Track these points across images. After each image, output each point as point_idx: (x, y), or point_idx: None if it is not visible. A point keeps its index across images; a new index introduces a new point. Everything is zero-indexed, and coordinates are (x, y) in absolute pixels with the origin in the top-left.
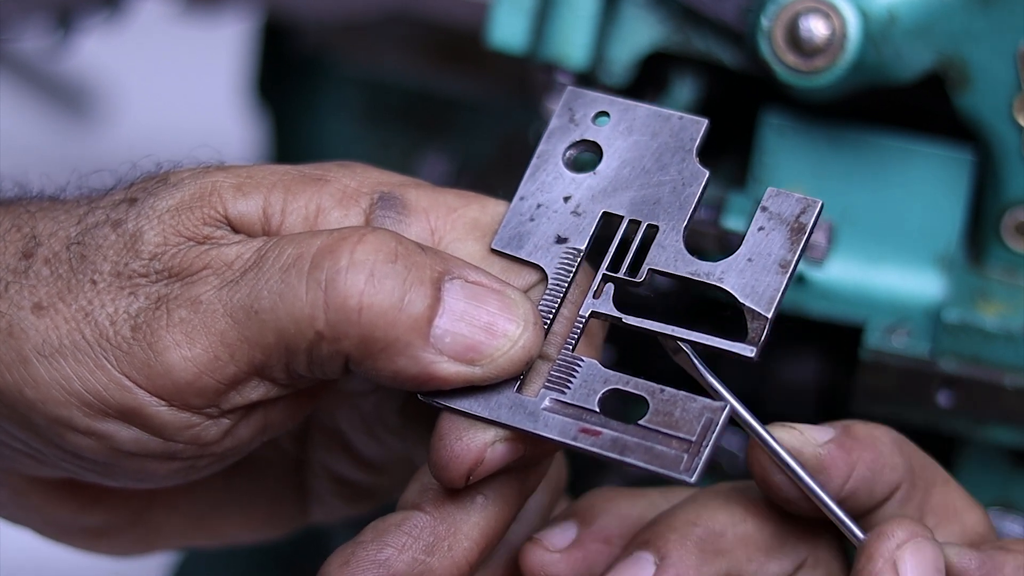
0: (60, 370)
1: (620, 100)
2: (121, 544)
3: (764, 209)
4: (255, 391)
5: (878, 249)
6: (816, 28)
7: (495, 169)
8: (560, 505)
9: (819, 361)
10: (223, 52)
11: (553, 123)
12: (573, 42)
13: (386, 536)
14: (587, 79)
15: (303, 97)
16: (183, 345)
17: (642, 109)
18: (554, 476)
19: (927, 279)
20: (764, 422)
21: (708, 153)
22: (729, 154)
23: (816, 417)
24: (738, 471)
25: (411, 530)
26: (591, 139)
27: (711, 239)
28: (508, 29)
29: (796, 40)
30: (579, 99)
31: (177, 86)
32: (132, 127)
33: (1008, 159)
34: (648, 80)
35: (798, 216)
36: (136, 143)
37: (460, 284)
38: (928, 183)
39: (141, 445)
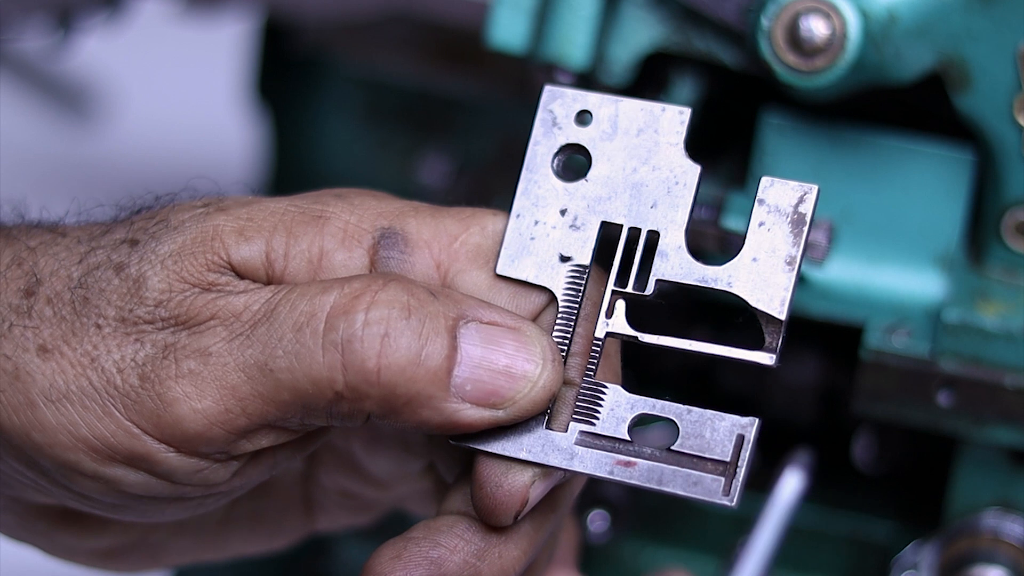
0: (67, 415)
1: (598, 96)
2: (128, 563)
3: (761, 202)
4: (266, 438)
5: (878, 249)
6: (816, 28)
7: (495, 169)
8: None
9: (819, 361)
10: (223, 52)
11: (536, 129)
12: (573, 42)
13: (438, 535)
14: (587, 79)
15: (303, 97)
16: (193, 397)
17: (623, 104)
18: None
19: (927, 279)
20: (764, 422)
21: (708, 153)
22: (729, 154)
23: (816, 417)
24: None
25: (463, 534)
26: (577, 142)
27: (711, 239)
28: (508, 29)
29: (796, 40)
30: (558, 99)
31: (177, 86)
32: (132, 127)
33: (1008, 159)
34: (648, 80)
35: (796, 206)
36: (136, 143)
37: (475, 327)
38: (928, 183)
39: (149, 488)
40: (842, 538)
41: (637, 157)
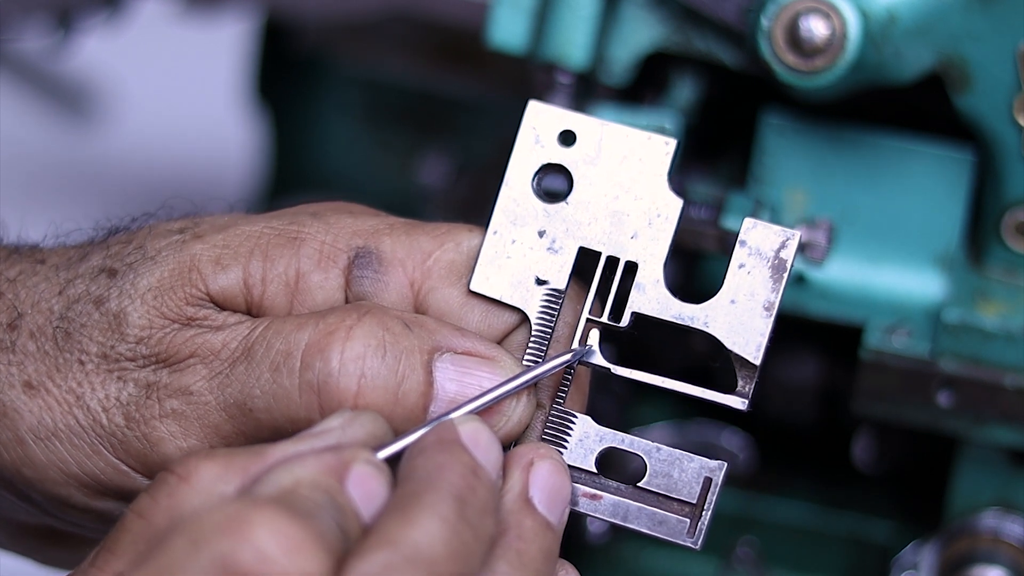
0: (57, 452)
1: (584, 117)
2: None
3: (743, 243)
4: None
5: (878, 249)
6: (816, 28)
7: (495, 169)
8: None
9: (819, 361)
10: (223, 52)
11: (518, 145)
12: (573, 42)
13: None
14: (587, 79)
15: (303, 97)
16: (178, 436)
17: (609, 128)
18: None
19: (927, 279)
20: (764, 423)
21: (708, 153)
22: (729, 154)
23: (816, 417)
24: (738, 471)
25: None
26: (559, 163)
27: (711, 239)
28: (508, 29)
29: (796, 40)
30: (542, 116)
31: (177, 86)
32: (132, 127)
33: (1008, 159)
34: (648, 80)
35: (778, 251)
36: (136, 143)
37: (450, 358)
38: (928, 183)
39: None
40: (842, 538)
41: (619, 184)
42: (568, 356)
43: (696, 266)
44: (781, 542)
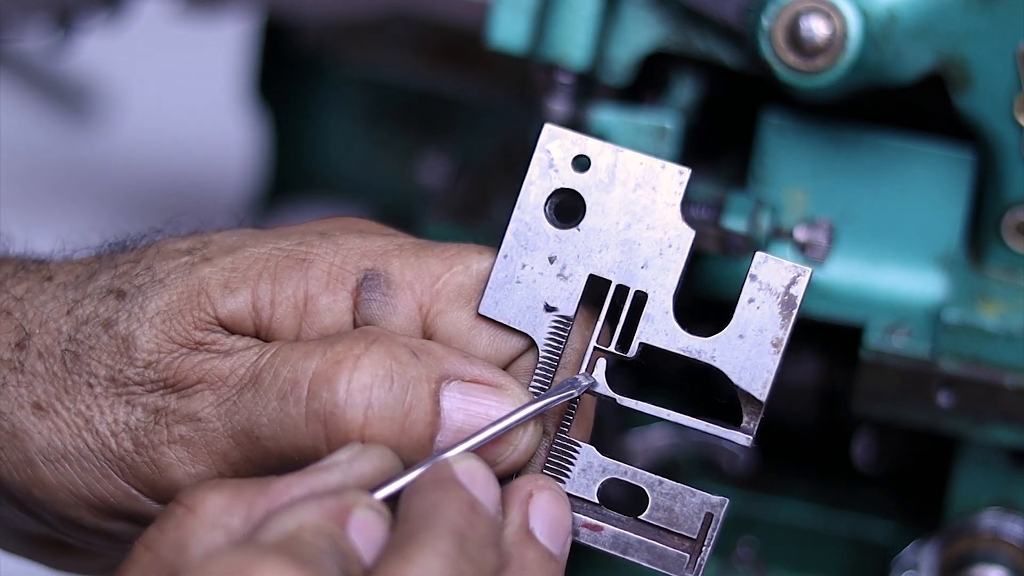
0: (67, 475)
1: (598, 142)
2: None
3: (753, 278)
4: None
5: (878, 249)
6: (817, 28)
7: (495, 169)
8: None
9: (819, 361)
10: (223, 52)
11: (532, 168)
12: (573, 42)
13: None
14: (587, 79)
15: (303, 97)
16: (187, 462)
17: (623, 155)
18: None
19: (927, 279)
20: (764, 422)
21: (708, 153)
22: (729, 154)
23: (816, 417)
24: (738, 471)
25: None
26: (572, 188)
27: (711, 239)
28: (508, 29)
29: (797, 40)
30: (556, 139)
31: (177, 86)
32: (132, 127)
33: (1008, 159)
34: (648, 80)
35: (788, 287)
36: (136, 143)
37: (457, 387)
38: (928, 183)
39: None
40: (842, 538)
41: (632, 213)
42: (575, 391)
43: (696, 266)
44: (781, 542)
